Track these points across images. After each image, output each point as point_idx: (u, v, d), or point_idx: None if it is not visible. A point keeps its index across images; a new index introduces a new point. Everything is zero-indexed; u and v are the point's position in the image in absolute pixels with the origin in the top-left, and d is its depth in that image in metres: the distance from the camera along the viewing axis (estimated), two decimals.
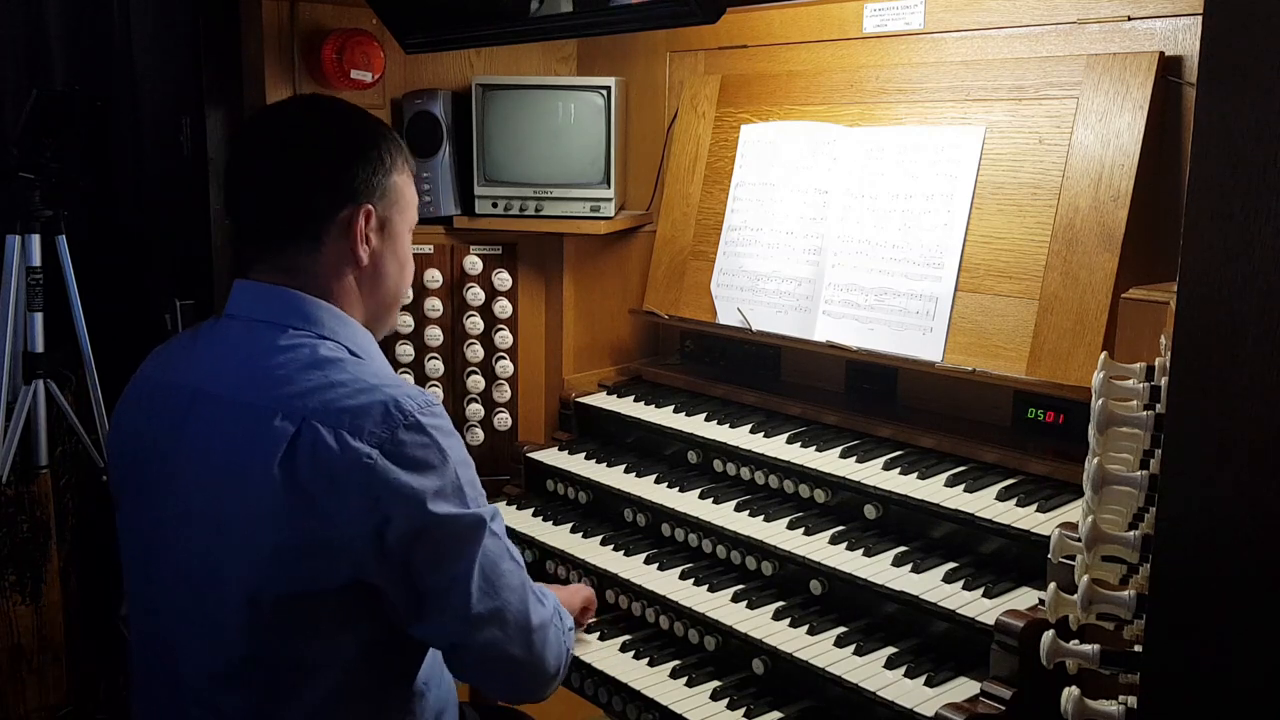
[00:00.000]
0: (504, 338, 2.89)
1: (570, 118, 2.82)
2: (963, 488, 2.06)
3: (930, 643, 1.93)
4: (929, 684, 1.80)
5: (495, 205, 2.85)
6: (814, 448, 2.30)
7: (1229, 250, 0.94)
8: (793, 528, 2.18)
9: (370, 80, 2.74)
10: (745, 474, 2.36)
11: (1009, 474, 2.11)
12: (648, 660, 2.11)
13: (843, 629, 1.99)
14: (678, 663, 2.09)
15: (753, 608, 2.09)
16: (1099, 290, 2.02)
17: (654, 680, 2.05)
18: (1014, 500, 2.00)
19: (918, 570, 1.97)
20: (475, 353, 2.89)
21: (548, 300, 2.93)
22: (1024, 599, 1.86)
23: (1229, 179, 0.93)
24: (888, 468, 2.18)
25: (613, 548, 2.38)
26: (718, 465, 2.42)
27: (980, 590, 1.88)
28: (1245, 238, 0.92)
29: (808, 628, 1.99)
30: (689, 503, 2.34)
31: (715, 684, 2.01)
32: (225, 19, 2.73)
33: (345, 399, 1.51)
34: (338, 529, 1.48)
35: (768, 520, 2.21)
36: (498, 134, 2.84)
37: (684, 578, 2.23)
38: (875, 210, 2.36)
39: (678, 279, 2.76)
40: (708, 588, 2.17)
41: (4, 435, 3.11)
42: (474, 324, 2.88)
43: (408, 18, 2.55)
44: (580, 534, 2.47)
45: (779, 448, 2.33)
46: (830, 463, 2.23)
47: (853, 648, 1.92)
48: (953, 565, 1.98)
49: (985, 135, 2.21)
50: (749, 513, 2.25)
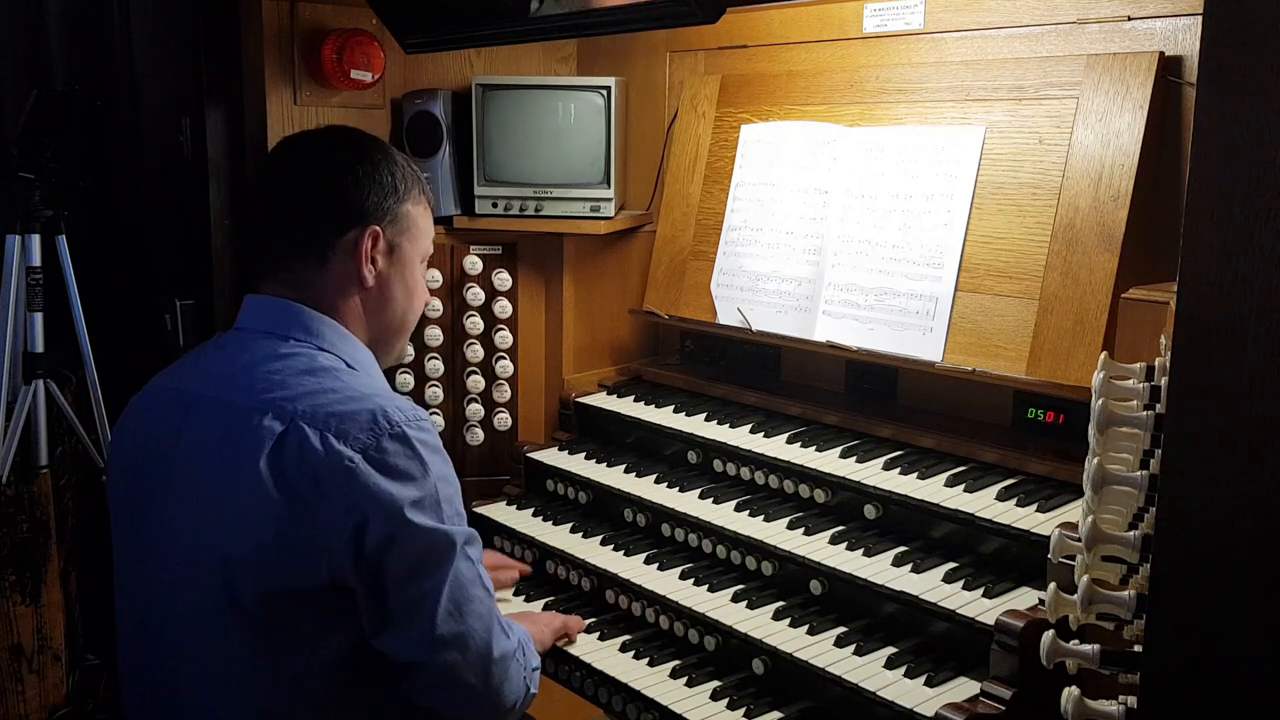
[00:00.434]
0: (504, 338, 2.89)
1: (570, 118, 2.82)
2: (963, 488, 2.06)
3: (930, 643, 1.93)
4: (929, 684, 1.80)
5: (495, 205, 2.86)
6: (814, 448, 2.30)
7: (1229, 250, 0.94)
8: (793, 528, 2.18)
9: (370, 80, 2.74)
10: (745, 474, 2.36)
11: (1009, 474, 2.11)
12: (648, 660, 2.11)
13: (843, 629, 2.00)
14: (678, 663, 2.09)
15: (753, 608, 2.09)
16: (1099, 290, 2.02)
17: (654, 680, 2.05)
18: (1014, 500, 2.00)
19: (918, 570, 1.97)
20: (475, 353, 2.89)
21: (548, 300, 2.93)
22: (1024, 599, 1.86)
23: (1229, 179, 0.93)
24: (888, 468, 2.18)
25: (613, 548, 2.39)
26: (718, 465, 2.43)
27: (980, 590, 1.88)
28: (1245, 238, 0.93)
29: (808, 628, 1.99)
30: (689, 503, 2.34)
31: (715, 684, 2.02)
32: (225, 19, 2.73)
33: (335, 404, 1.54)
34: (319, 529, 1.50)
35: (768, 520, 2.21)
36: (498, 134, 2.84)
37: (684, 578, 2.23)
38: (875, 210, 2.36)
39: (678, 279, 2.76)
40: (708, 588, 2.17)
41: (4, 435, 3.11)
42: (474, 324, 2.88)
43: (408, 18, 2.55)
44: (580, 534, 2.47)
45: (779, 448, 2.33)
46: (830, 463, 2.23)
47: (853, 648, 1.92)
48: (953, 565, 1.98)
49: (985, 135, 2.21)
50: (749, 513, 2.25)
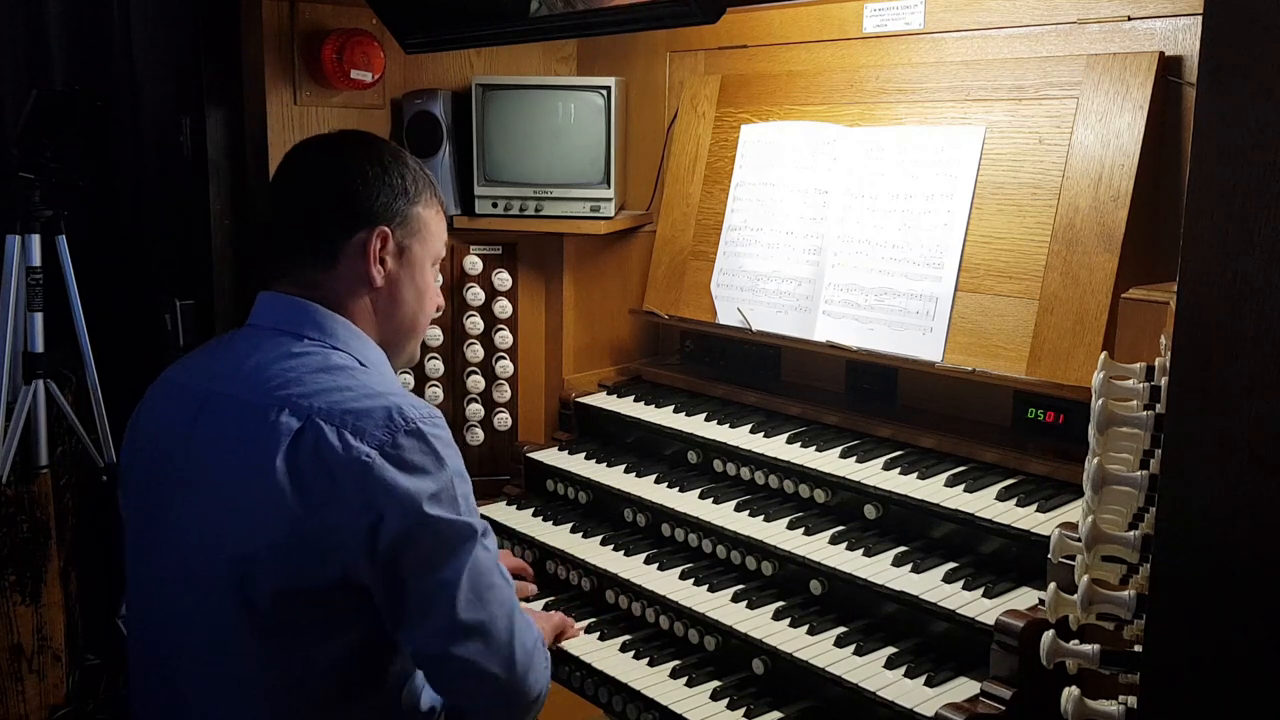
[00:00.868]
0: (504, 338, 2.89)
1: (570, 118, 2.82)
2: (963, 488, 2.06)
3: (930, 643, 1.93)
4: (929, 684, 1.80)
5: (495, 205, 2.86)
6: (814, 448, 2.30)
7: (1229, 250, 0.94)
8: (793, 528, 2.18)
9: (370, 80, 2.74)
10: (745, 474, 2.36)
11: (1009, 474, 2.11)
12: (648, 660, 2.11)
13: (843, 629, 1.99)
14: (678, 663, 2.09)
15: (753, 608, 2.09)
16: (1099, 290, 2.02)
17: (654, 680, 2.05)
18: (1014, 500, 2.00)
19: (918, 570, 1.97)
20: (475, 353, 2.89)
21: (548, 300, 2.93)
22: (1024, 599, 1.86)
23: (1229, 179, 0.93)
24: (888, 468, 2.18)
25: (613, 548, 2.38)
26: (718, 465, 2.42)
27: (980, 590, 1.88)
28: (1245, 238, 0.93)
29: (808, 628, 1.99)
30: (689, 503, 2.34)
31: (715, 684, 2.02)
32: (225, 19, 2.73)
33: (350, 401, 1.55)
34: (333, 525, 1.50)
35: (768, 520, 2.21)
36: (498, 134, 2.84)
37: (684, 578, 2.23)
38: (875, 210, 2.36)
39: (678, 279, 2.76)
40: (708, 588, 2.17)
41: (4, 435, 3.11)
42: (474, 324, 2.88)
43: (408, 18, 2.54)
44: (580, 534, 2.47)
45: (779, 448, 2.33)
46: (830, 463, 2.23)
47: (853, 648, 1.92)
48: (953, 565, 1.98)
49: (985, 135, 2.21)
50: (749, 513, 2.25)
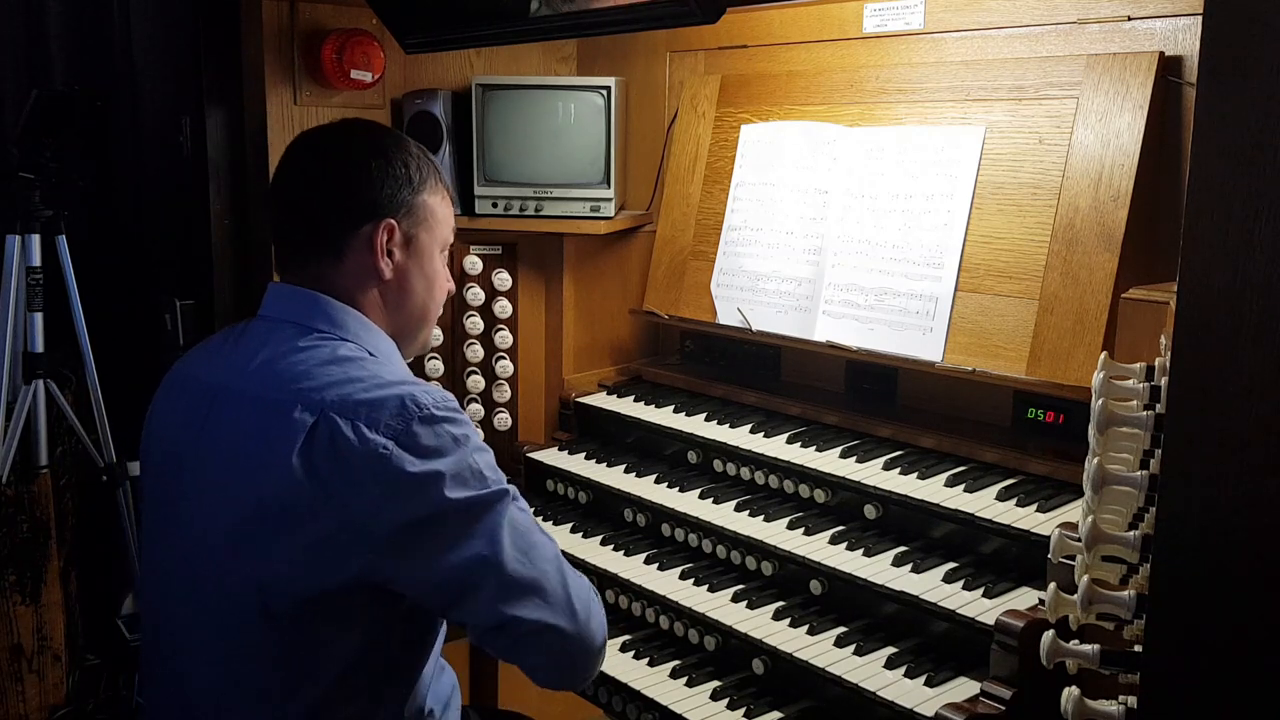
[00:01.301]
0: (504, 338, 2.89)
1: (570, 118, 2.82)
2: (963, 488, 2.06)
3: (930, 643, 1.93)
4: (929, 684, 1.80)
5: (495, 205, 2.86)
6: (814, 448, 2.30)
7: (1229, 250, 0.94)
8: (793, 528, 2.18)
9: (370, 80, 2.74)
10: (745, 474, 2.36)
11: (1009, 474, 2.11)
12: (648, 660, 2.11)
13: (843, 629, 2.00)
14: (678, 663, 2.10)
15: (753, 608, 2.09)
16: (1099, 290, 2.02)
17: (654, 680, 2.05)
18: (1014, 500, 2.00)
19: (918, 570, 1.97)
20: (475, 353, 2.89)
21: (548, 300, 2.93)
22: (1024, 599, 1.86)
23: (1229, 179, 0.93)
24: (888, 468, 2.18)
25: (613, 548, 2.39)
26: (718, 465, 2.43)
27: (980, 590, 1.88)
28: (1245, 238, 0.92)
29: (808, 628, 1.99)
30: (689, 503, 2.34)
31: (715, 684, 2.02)
32: (225, 19, 2.73)
33: (362, 393, 1.52)
34: (354, 519, 1.48)
35: (768, 520, 2.21)
36: (498, 134, 2.84)
37: (684, 578, 2.23)
38: (875, 210, 2.36)
39: (678, 279, 2.76)
40: (708, 588, 2.17)
41: (4, 435, 3.11)
42: (474, 324, 2.88)
43: (408, 18, 2.54)
44: (580, 534, 2.47)
45: (779, 448, 2.33)
46: (830, 463, 2.23)
47: (853, 648, 1.92)
48: (953, 565, 1.98)
49: (985, 135, 2.21)
50: (749, 513, 2.25)
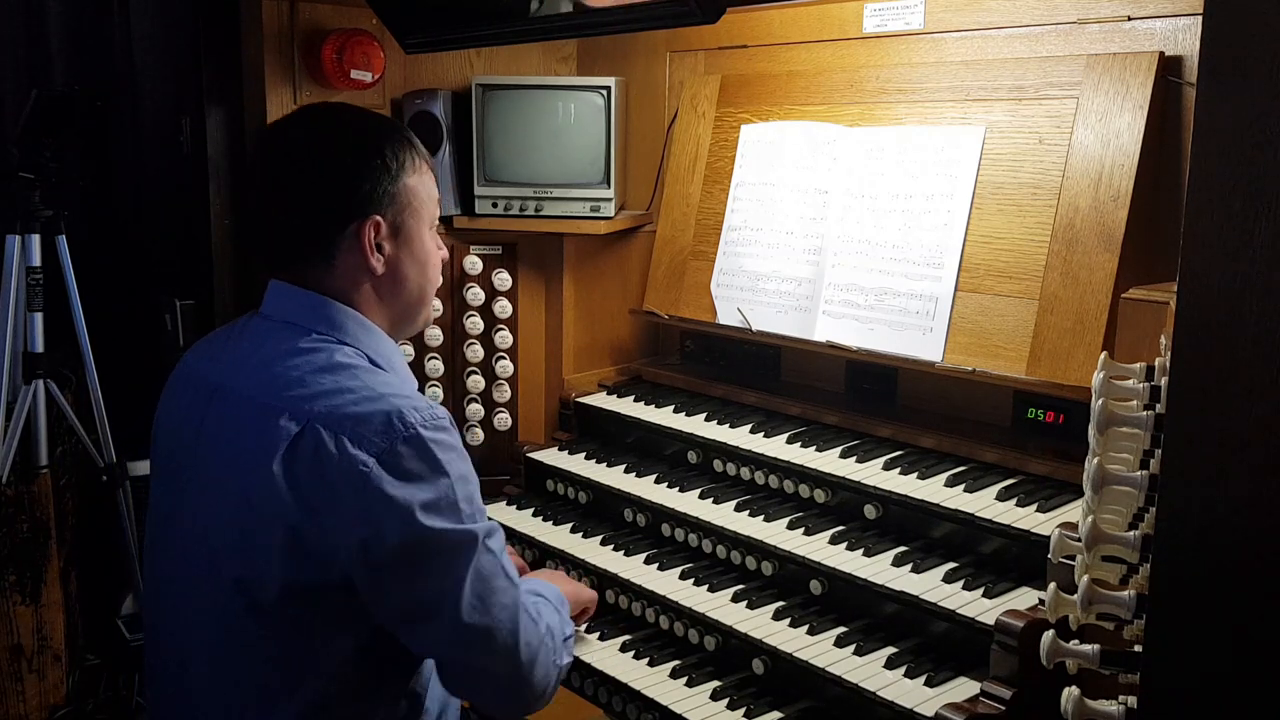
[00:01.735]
0: (504, 338, 2.89)
1: (570, 118, 2.82)
2: (963, 488, 2.06)
3: (930, 643, 1.93)
4: (929, 684, 1.80)
5: (495, 205, 2.86)
6: (814, 448, 2.30)
7: (1229, 250, 0.94)
8: (793, 528, 2.18)
9: (370, 80, 2.74)
10: (745, 474, 2.36)
11: (1009, 474, 2.11)
12: (648, 660, 2.11)
13: (843, 629, 1.99)
14: (678, 663, 2.09)
15: (753, 608, 2.09)
16: (1099, 290, 2.02)
17: (654, 680, 2.05)
18: (1014, 500, 2.00)
19: (918, 570, 1.97)
20: (475, 353, 2.89)
21: (548, 300, 2.93)
22: (1024, 599, 1.86)
23: (1229, 179, 0.93)
24: (888, 468, 2.18)
25: (613, 548, 2.38)
26: (718, 465, 2.42)
27: (980, 590, 1.88)
28: (1245, 238, 0.92)
29: (808, 628, 1.99)
30: (689, 503, 2.34)
31: (715, 684, 2.01)
32: (225, 19, 2.73)
33: (351, 405, 1.51)
34: (328, 533, 1.49)
35: (768, 520, 2.21)
36: (498, 134, 2.84)
37: (684, 578, 2.23)
38: (875, 210, 2.36)
39: (678, 279, 2.76)
40: (708, 588, 2.17)
41: (4, 435, 3.11)
42: (474, 324, 2.88)
43: (408, 18, 2.54)
44: (580, 534, 2.47)
45: (779, 448, 2.33)
46: (830, 463, 2.23)
47: (853, 648, 1.92)
48: (953, 565, 1.98)
49: (985, 135, 2.21)
50: (749, 513, 2.25)
